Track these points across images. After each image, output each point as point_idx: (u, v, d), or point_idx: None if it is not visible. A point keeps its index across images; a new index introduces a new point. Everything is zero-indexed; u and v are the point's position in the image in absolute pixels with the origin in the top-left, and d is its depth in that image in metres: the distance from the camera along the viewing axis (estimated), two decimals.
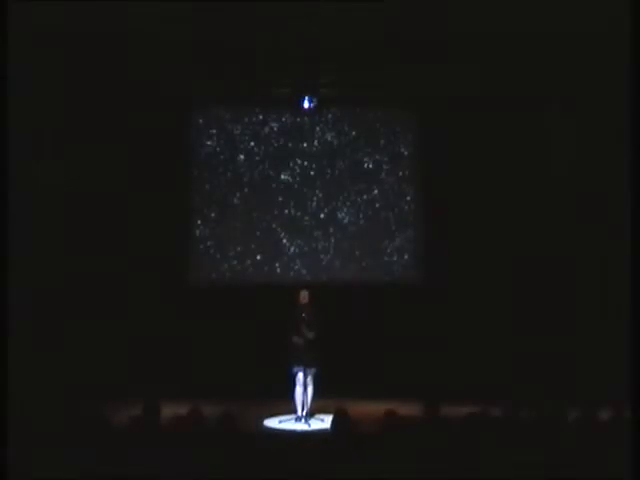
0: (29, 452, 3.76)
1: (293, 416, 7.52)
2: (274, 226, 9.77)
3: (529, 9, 7.20)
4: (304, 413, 7.43)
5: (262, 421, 7.50)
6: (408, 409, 4.97)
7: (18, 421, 4.30)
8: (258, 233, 9.74)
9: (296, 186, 9.82)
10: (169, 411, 4.50)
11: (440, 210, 9.54)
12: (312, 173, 9.84)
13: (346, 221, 9.82)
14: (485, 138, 9.33)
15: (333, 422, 4.24)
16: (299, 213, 9.80)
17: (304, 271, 9.72)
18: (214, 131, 9.82)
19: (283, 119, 9.86)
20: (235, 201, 9.75)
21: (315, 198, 9.81)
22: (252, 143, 9.83)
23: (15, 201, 6.43)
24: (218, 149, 9.81)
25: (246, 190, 9.77)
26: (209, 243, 9.73)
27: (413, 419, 4.35)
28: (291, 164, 9.84)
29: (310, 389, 7.49)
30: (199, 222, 9.72)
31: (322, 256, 9.76)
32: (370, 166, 9.89)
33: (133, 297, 9.05)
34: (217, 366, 8.80)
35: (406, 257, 9.84)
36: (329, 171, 9.85)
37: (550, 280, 9.01)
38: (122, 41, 7.79)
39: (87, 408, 5.03)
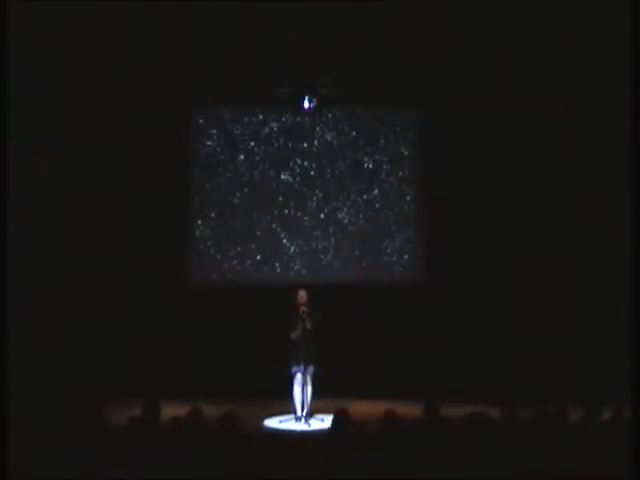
0: (29, 452, 3.76)
1: (293, 416, 7.51)
2: (274, 226, 9.77)
3: (529, 9, 7.19)
4: (304, 413, 7.42)
5: (262, 421, 7.49)
6: (408, 409, 4.97)
7: (18, 421, 4.30)
8: (258, 233, 9.74)
9: (296, 186, 9.82)
10: (169, 411, 4.50)
11: (440, 210, 9.55)
12: (312, 173, 9.85)
13: (346, 221, 9.82)
14: (485, 138, 9.34)
15: (333, 422, 4.23)
16: (299, 213, 9.80)
17: (304, 271, 9.72)
18: (214, 131, 9.83)
19: (283, 119, 9.87)
20: (235, 201, 9.76)
21: (315, 198, 9.82)
22: (252, 143, 9.84)
23: (15, 201, 6.43)
24: (218, 149, 9.82)
25: (246, 190, 9.77)
26: (209, 243, 9.73)
27: (413, 419, 4.35)
28: (291, 164, 9.84)
29: (309, 388, 7.48)
30: (199, 222, 9.73)
31: (322, 256, 9.77)
32: (370, 166, 9.90)
33: (133, 297, 9.05)
34: (217, 366, 8.81)
35: (406, 257, 9.84)
36: (329, 171, 9.85)
37: (550, 280, 9.01)
38: (122, 41, 7.78)
39: (87, 408, 5.03)
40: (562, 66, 8.45)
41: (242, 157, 9.82)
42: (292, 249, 9.77)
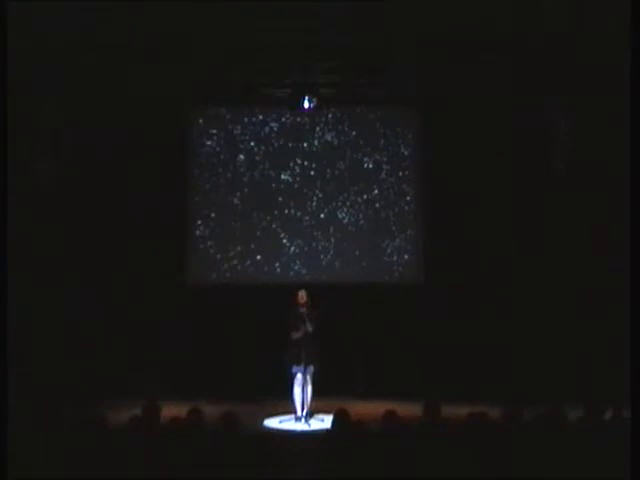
0: (29, 452, 3.76)
1: (293, 416, 7.51)
2: (274, 226, 9.77)
3: (529, 9, 7.19)
4: (304, 413, 7.42)
5: (262, 421, 7.49)
6: (408, 409, 4.96)
7: (18, 421, 4.30)
8: (258, 233, 9.74)
9: (296, 186, 9.82)
10: (169, 411, 4.50)
11: (440, 210, 9.54)
12: (312, 173, 9.84)
13: (346, 221, 9.82)
14: (485, 138, 9.33)
15: (333, 422, 4.23)
16: (299, 213, 9.79)
17: (304, 271, 9.72)
18: (214, 131, 9.83)
19: (283, 119, 9.86)
20: (235, 201, 9.75)
21: (315, 198, 9.81)
22: (252, 143, 9.83)
23: (15, 201, 6.43)
24: (218, 149, 9.81)
25: (246, 190, 9.77)
26: (209, 243, 9.73)
27: (413, 419, 4.35)
28: (291, 164, 9.84)
29: (309, 388, 7.48)
30: (199, 222, 9.72)
31: (322, 256, 9.76)
32: (370, 166, 9.90)
33: (133, 297, 9.05)
34: (217, 366, 8.80)
35: (406, 257, 9.84)
36: (329, 171, 9.85)
37: (550, 280, 9.01)
38: (122, 41, 7.77)
39: (87, 408, 5.03)
40: (562, 66, 8.44)
41: (242, 157, 9.82)
42: (292, 249, 9.76)
